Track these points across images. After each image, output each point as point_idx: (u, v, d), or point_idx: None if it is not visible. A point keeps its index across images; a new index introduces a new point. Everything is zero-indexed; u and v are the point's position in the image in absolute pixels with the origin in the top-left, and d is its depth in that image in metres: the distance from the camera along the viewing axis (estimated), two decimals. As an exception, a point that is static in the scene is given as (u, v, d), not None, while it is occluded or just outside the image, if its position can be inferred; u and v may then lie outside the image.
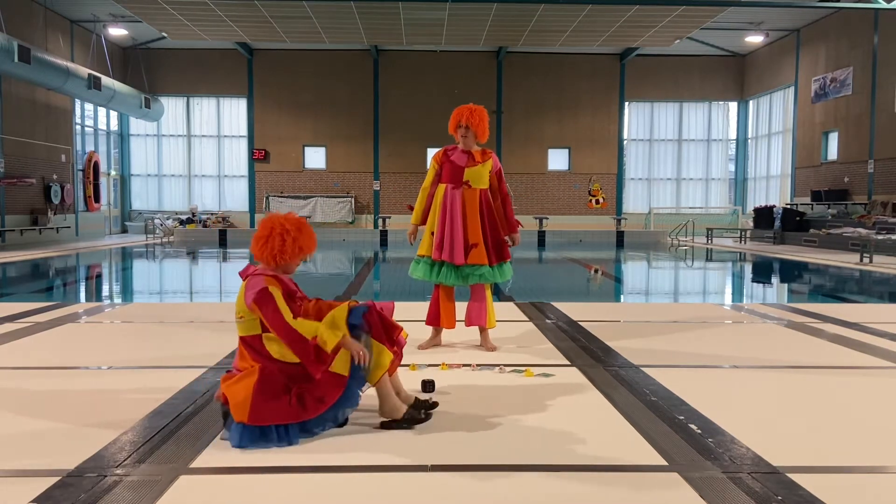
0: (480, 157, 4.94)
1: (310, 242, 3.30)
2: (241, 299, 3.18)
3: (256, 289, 3.12)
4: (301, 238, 3.25)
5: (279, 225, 3.23)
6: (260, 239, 3.24)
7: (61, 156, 20.27)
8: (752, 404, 3.64)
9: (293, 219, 3.29)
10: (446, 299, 4.96)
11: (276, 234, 3.21)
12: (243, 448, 2.91)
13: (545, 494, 2.49)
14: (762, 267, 14.38)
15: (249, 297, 3.12)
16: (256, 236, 3.25)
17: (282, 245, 3.21)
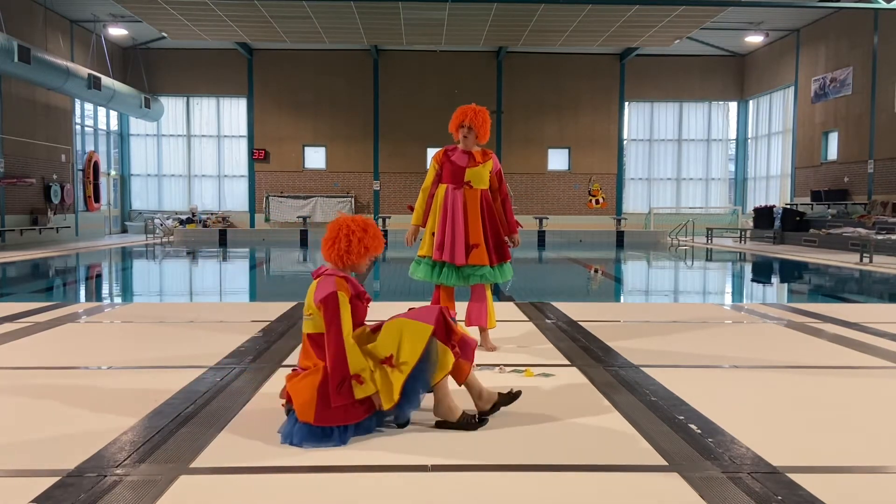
0: (481, 157, 4.94)
1: (376, 242, 3.31)
2: (311, 297, 3.21)
3: (328, 290, 3.15)
4: (366, 238, 3.28)
5: (346, 226, 3.28)
6: (328, 241, 3.30)
7: (61, 156, 20.27)
8: (751, 404, 3.64)
9: (360, 220, 3.34)
10: (447, 299, 4.96)
11: (342, 235, 3.27)
12: (301, 447, 2.94)
13: (545, 494, 2.49)
14: (762, 267, 14.39)
15: (319, 296, 3.15)
16: (325, 238, 3.31)
17: (348, 246, 3.26)
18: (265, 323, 5.91)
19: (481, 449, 2.95)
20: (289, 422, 3.09)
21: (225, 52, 23.82)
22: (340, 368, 3.04)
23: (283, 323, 5.94)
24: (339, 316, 3.10)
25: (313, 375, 3.09)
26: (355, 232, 3.27)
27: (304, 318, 3.25)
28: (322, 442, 2.96)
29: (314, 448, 2.93)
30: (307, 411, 3.00)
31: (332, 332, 3.08)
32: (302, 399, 3.04)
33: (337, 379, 3.03)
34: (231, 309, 7.40)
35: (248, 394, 3.75)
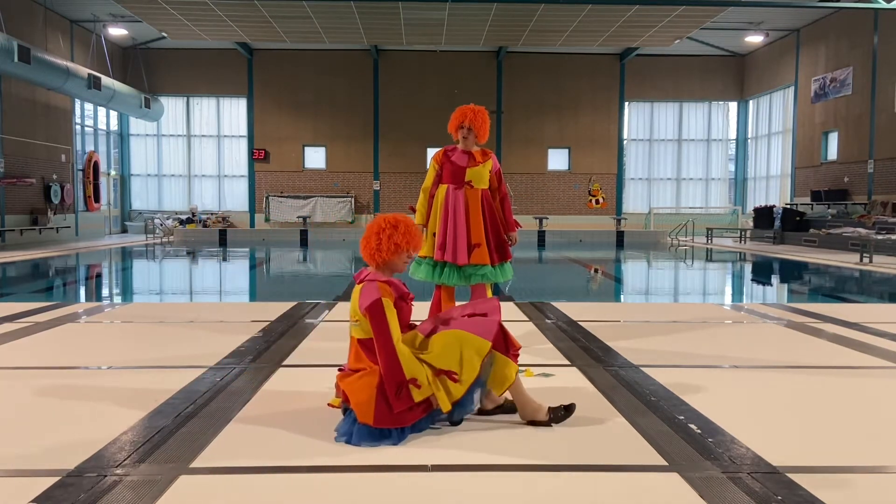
0: (481, 157, 4.94)
1: (406, 238, 3.30)
2: (356, 303, 3.20)
3: (371, 298, 3.14)
4: (396, 235, 3.27)
5: (376, 224, 3.31)
6: (362, 240, 3.33)
7: (61, 156, 20.27)
8: (751, 404, 3.64)
9: (391, 217, 3.35)
10: (447, 299, 4.96)
11: (372, 233, 3.30)
12: (359, 446, 2.95)
13: (545, 494, 2.49)
14: (762, 267, 14.38)
15: (363, 304, 3.14)
16: (361, 238, 3.34)
17: (378, 243, 3.28)
18: (265, 323, 5.91)
19: (481, 449, 2.95)
20: (346, 421, 3.09)
21: (225, 52, 23.82)
22: (395, 375, 3.04)
23: (283, 323, 5.94)
24: (386, 324, 3.09)
25: (370, 376, 3.09)
26: (385, 230, 3.27)
27: (351, 323, 3.25)
28: (380, 441, 2.97)
29: (371, 447, 2.94)
30: (366, 412, 3.00)
31: (381, 341, 3.08)
32: (360, 399, 3.04)
33: (394, 386, 3.03)
34: (231, 309, 7.40)
35: (248, 394, 3.75)
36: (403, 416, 3.03)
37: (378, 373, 3.08)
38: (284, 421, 3.30)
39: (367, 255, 3.29)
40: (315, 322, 6.01)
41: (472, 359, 3.12)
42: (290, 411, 3.46)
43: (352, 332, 3.24)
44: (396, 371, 3.04)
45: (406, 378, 3.03)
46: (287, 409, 3.48)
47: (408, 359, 3.08)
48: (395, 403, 3.01)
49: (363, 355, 3.18)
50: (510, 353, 3.24)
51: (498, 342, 3.20)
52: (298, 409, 3.48)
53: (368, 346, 3.16)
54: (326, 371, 4.25)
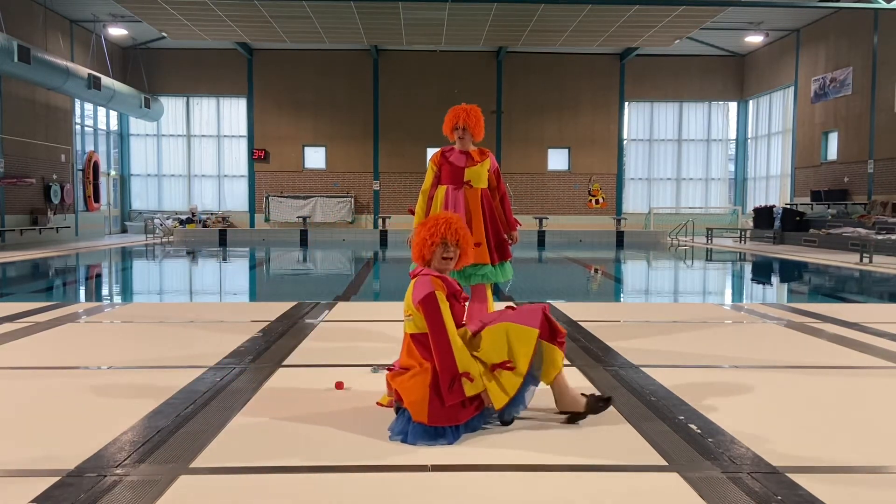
0: (479, 156, 4.94)
1: (432, 231, 3.29)
2: (409, 297, 3.23)
3: (425, 291, 3.16)
4: (437, 233, 3.28)
5: (423, 223, 3.33)
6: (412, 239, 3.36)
7: (61, 156, 20.27)
8: (752, 404, 3.64)
9: (436, 215, 3.38)
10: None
11: (417, 231, 3.33)
12: (415, 445, 2.96)
13: (545, 494, 2.49)
14: (762, 267, 14.39)
15: (416, 298, 3.17)
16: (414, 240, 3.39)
17: (421, 241, 3.30)
18: (265, 323, 5.91)
19: (480, 449, 2.95)
20: (400, 420, 3.09)
21: (225, 52, 23.82)
22: (449, 367, 3.05)
23: (283, 323, 5.94)
24: (440, 315, 3.11)
25: (423, 375, 3.10)
26: (427, 227, 3.31)
27: (405, 318, 3.27)
28: (436, 441, 2.98)
29: (428, 447, 2.95)
30: (420, 410, 3.01)
31: (435, 332, 3.09)
32: (413, 398, 3.04)
33: (447, 378, 3.04)
34: (231, 309, 7.40)
35: (248, 394, 3.75)
36: (457, 412, 3.03)
37: (430, 372, 3.09)
38: (285, 421, 3.31)
39: (414, 254, 3.37)
40: (315, 322, 6.01)
41: (523, 348, 3.13)
42: (291, 411, 3.46)
43: (405, 327, 3.27)
44: (450, 364, 3.05)
45: (459, 371, 3.04)
46: (287, 409, 3.48)
47: (462, 352, 3.09)
48: (447, 397, 3.02)
49: (415, 351, 3.19)
50: (556, 341, 3.24)
51: (544, 330, 3.21)
52: (298, 409, 3.48)
53: (421, 341, 3.17)
54: (327, 371, 4.26)
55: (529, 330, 3.17)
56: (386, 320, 6.12)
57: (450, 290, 3.24)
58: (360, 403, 3.58)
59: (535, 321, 3.19)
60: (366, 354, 4.72)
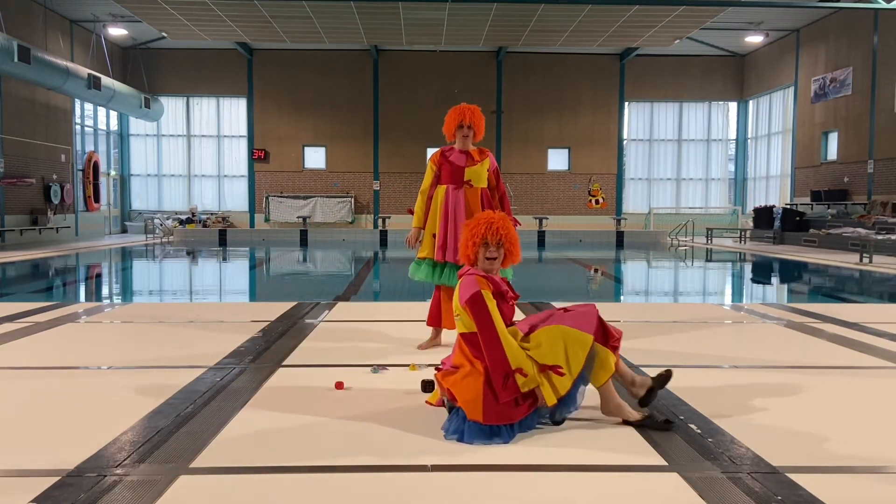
0: (478, 155, 4.94)
1: (473, 231, 3.29)
2: (456, 298, 3.24)
3: (470, 291, 3.17)
4: (478, 232, 3.28)
5: (467, 224, 3.34)
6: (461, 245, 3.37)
7: (61, 156, 20.27)
8: (751, 404, 3.63)
9: (478, 215, 3.37)
10: (447, 299, 4.97)
11: (462, 232, 3.34)
12: (471, 444, 2.96)
13: (545, 494, 2.49)
14: (762, 267, 14.39)
15: (462, 298, 3.18)
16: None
17: (464, 242, 3.31)
18: (265, 323, 5.91)
19: (480, 449, 2.95)
20: (455, 419, 3.09)
21: (225, 52, 23.82)
22: (501, 365, 3.06)
23: (283, 323, 5.94)
24: (488, 313, 3.11)
25: (476, 373, 3.10)
26: (469, 225, 3.32)
27: (455, 317, 3.29)
28: (491, 440, 2.98)
29: (484, 446, 2.95)
30: (475, 409, 3.01)
31: (484, 331, 3.10)
32: (467, 396, 3.05)
33: (500, 375, 3.04)
34: (231, 309, 7.40)
35: (247, 394, 3.75)
36: (511, 411, 3.04)
37: (483, 371, 3.09)
38: (285, 421, 3.31)
39: (460, 255, 3.37)
40: (315, 322, 6.01)
41: (577, 353, 3.13)
42: (291, 411, 3.46)
43: (457, 327, 3.28)
44: (502, 360, 3.06)
45: (512, 367, 3.05)
46: (287, 409, 3.48)
47: (513, 349, 3.09)
48: (501, 393, 3.02)
49: (466, 349, 3.20)
50: (609, 344, 3.23)
51: (598, 334, 3.20)
52: (298, 409, 3.48)
53: (471, 341, 3.18)
54: (326, 371, 4.26)
55: (585, 336, 3.16)
56: (386, 320, 6.12)
57: (496, 289, 3.24)
58: (361, 403, 3.58)
59: (591, 326, 3.18)
60: (366, 354, 4.72)
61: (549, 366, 3.11)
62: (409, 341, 5.13)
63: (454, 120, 4.89)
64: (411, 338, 5.22)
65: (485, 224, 3.30)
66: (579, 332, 3.16)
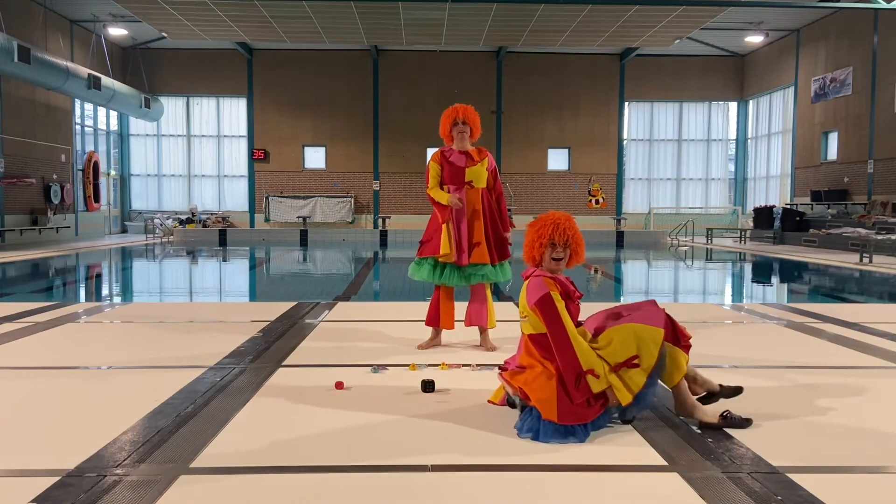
0: (478, 155, 4.94)
1: (539, 231, 3.28)
2: (524, 299, 3.23)
3: (540, 293, 3.16)
4: (545, 233, 3.26)
5: (532, 224, 3.33)
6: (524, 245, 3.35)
7: (61, 156, 20.28)
8: (751, 404, 3.63)
9: (545, 215, 3.36)
10: (446, 299, 4.97)
11: (527, 232, 3.33)
12: (545, 442, 2.97)
13: (545, 494, 2.49)
14: (762, 267, 14.38)
15: (531, 300, 3.17)
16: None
17: (530, 243, 3.30)
18: (265, 323, 5.91)
19: (481, 449, 2.95)
20: (529, 417, 3.10)
21: (225, 52, 23.82)
22: (573, 366, 3.06)
23: (283, 323, 5.94)
24: (558, 315, 3.11)
25: (548, 374, 3.11)
26: (534, 225, 3.31)
27: (520, 319, 3.30)
28: (566, 438, 2.99)
29: (559, 445, 2.96)
30: (549, 409, 3.02)
31: (555, 333, 3.10)
32: (541, 396, 3.06)
33: (572, 377, 3.04)
34: (231, 309, 7.40)
35: (247, 393, 3.75)
36: (584, 411, 3.04)
37: (555, 373, 3.10)
38: (285, 421, 3.31)
39: (525, 255, 3.35)
40: (315, 322, 6.01)
41: (650, 348, 3.12)
42: (290, 411, 3.46)
43: (522, 328, 3.28)
44: (574, 361, 3.05)
45: (584, 369, 3.04)
46: (287, 409, 3.48)
47: (584, 350, 3.09)
48: (574, 394, 3.02)
49: (534, 351, 3.20)
50: (681, 344, 3.23)
51: (668, 332, 3.19)
52: (298, 409, 3.48)
53: (539, 342, 3.18)
54: (327, 371, 4.26)
55: (656, 330, 3.15)
56: (386, 320, 6.12)
57: (563, 289, 3.24)
58: (361, 403, 3.58)
59: (660, 321, 3.18)
60: (366, 354, 4.72)
61: (622, 361, 3.10)
62: (408, 341, 5.13)
63: (448, 119, 4.89)
64: (411, 338, 5.22)
65: (552, 225, 3.29)
66: (650, 328, 3.15)
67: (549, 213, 3.39)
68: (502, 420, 3.30)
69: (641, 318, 3.19)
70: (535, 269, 3.32)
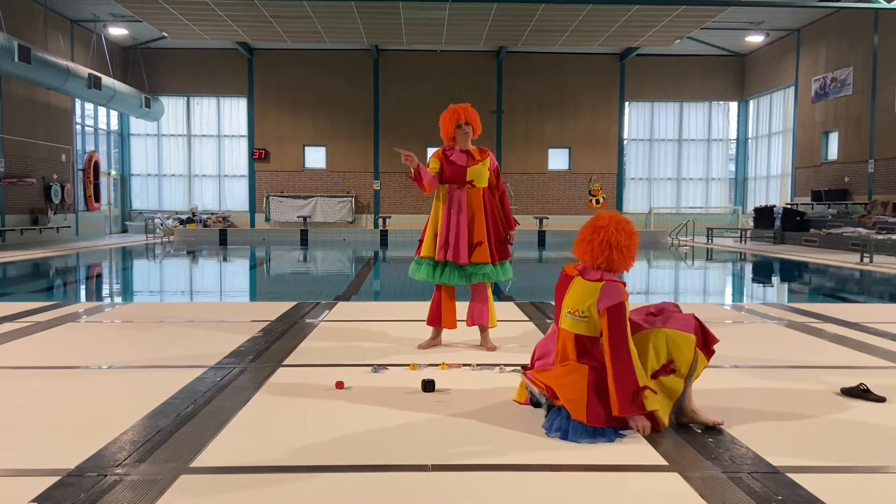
0: (479, 155, 4.94)
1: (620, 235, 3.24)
2: (589, 299, 3.14)
3: (616, 300, 3.08)
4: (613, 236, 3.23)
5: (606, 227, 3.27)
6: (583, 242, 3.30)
7: (61, 155, 20.28)
8: (752, 404, 3.63)
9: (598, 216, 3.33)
10: (447, 299, 4.97)
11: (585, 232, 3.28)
12: (575, 442, 2.97)
13: (545, 494, 2.49)
14: (762, 267, 14.38)
15: (605, 304, 3.09)
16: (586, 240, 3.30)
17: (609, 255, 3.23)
18: (265, 323, 5.91)
19: (481, 449, 2.95)
20: (558, 417, 3.09)
21: (225, 51, 23.82)
22: (631, 381, 3.01)
23: (284, 323, 5.94)
24: (625, 327, 3.06)
25: (578, 375, 3.09)
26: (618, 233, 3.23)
27: (570, 316, 3.20)
28: (596, 439, 2.99)
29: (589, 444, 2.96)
30: (578, 410, 3.01)
31: (617, 344, 3.04)
32: (571, 396, 3.05)
33: (629, 391, 3.00)
34: (231, 309, 7.40)
35: (248, 393, 3.75)
36: (616, 418, 3.04)
37: (587, 372, 3.08)
38: (285, 420, 3.31)
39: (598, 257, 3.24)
40: (315, 322, 6.01)
41: (682, 355, 3.11)
42: (291, 411, 3.46)
43: (570, 326, 3.20)
44: (632, 377, 3.01)
45: (640, 385, 3.01)
46: (287, 409, 3.48)
47: (640, 366, 3.05)
48: (629, 407, 2.99)
49: (571, 350, 3.17)
50: (709, 349, 3.21)
51: (698, 336, 3.18)
52: (299, 409, 3.48)
53: (583, 343, 3.15)
54: (327, 371, 4.26)
55: (688, 336, 3.14)
56: (386, 320, 6.12)
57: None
58: (361, 403, 3.58)
59: (691, 327, 3.17)
60: (366, 354, 4.72)
61: (658, 368, 3.09)
62: (409, 341, 5.13)
63: (451, 121, 4.88)
64: (411, 337, 5.22)
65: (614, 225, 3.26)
66: (682, 334, 3.14)
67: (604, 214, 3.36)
68: (502, 420, 3.30)
69: (674, 324, 3.18)
70: (605, 274, 3.24)
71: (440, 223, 4.90)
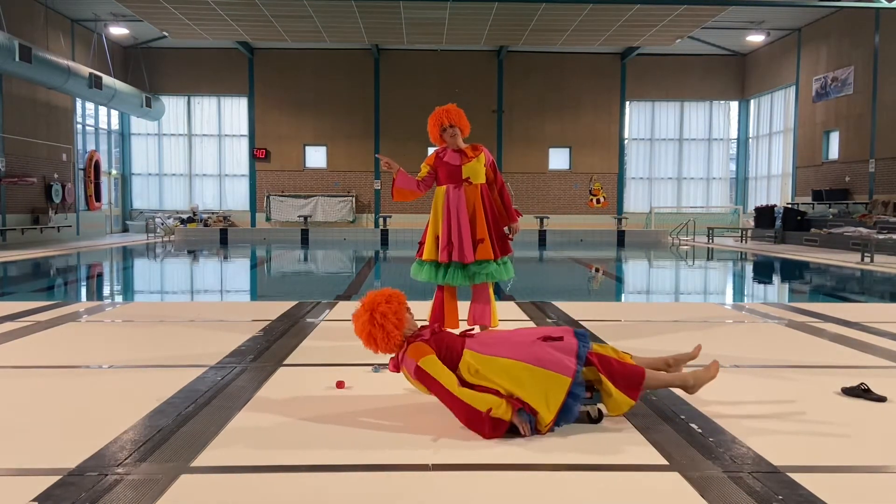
0: (472, 151, 4.94)
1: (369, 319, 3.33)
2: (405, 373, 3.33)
3: (411, 366, 3.23)
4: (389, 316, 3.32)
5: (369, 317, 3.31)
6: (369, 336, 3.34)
7: (62, 155, 20.28)
8: (753, 404, 3.63)
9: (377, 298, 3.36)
10: (450, 299, 4.97)
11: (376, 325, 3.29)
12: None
13: (546, 494, 2.49)
14: (763, 266, 14.38)
15: (410, 373, 3.26)
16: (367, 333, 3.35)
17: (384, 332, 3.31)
18: (266, 322, 5.91)
19: (481, 448, 2.95)
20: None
21: (226, 51, 23.83)
22: (474, 416, 3.05)
23: (284, 322, 5.94)
24: (436, 381, 3.15)
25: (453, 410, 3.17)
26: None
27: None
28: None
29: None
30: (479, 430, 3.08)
31: (441, 396, 3.16)
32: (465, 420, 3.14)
33: (486, 426, 3.03)
34: (232, 308, 7.40)
35: (248, 393, 3.75)
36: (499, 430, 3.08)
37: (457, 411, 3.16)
38: (286, 420, 3.31)
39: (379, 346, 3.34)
40: (316, 321, 6.01)
41: (556, 396, 3.11)
42: (291, 410, 3.46)
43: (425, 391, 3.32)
44: (472, 413, 3.06)
45: (483, 410, 3.04)
46: (288, 409, 3.48)
47: (474, 398, 3.08)
48: (491, 433, 3.02)
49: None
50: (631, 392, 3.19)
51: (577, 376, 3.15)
52: (299, 408, 3.48)
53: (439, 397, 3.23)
54: (327, 370, 4.26)
55: (562, 378, 3.13)
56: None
57: (436, 346, 3.24)
58: (361, 403, 3.58)
59: (569, 371, 3.14)
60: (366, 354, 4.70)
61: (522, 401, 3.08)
62: (409, 341, 5.12)
63: (435, 126, 4.88)
64: (412, 337, 5.20)
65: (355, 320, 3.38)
66: (557, 376, 3.13)
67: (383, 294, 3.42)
68: (503, 419, 3.29)
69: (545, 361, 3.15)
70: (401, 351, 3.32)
71: (440, 225, 4.90)
